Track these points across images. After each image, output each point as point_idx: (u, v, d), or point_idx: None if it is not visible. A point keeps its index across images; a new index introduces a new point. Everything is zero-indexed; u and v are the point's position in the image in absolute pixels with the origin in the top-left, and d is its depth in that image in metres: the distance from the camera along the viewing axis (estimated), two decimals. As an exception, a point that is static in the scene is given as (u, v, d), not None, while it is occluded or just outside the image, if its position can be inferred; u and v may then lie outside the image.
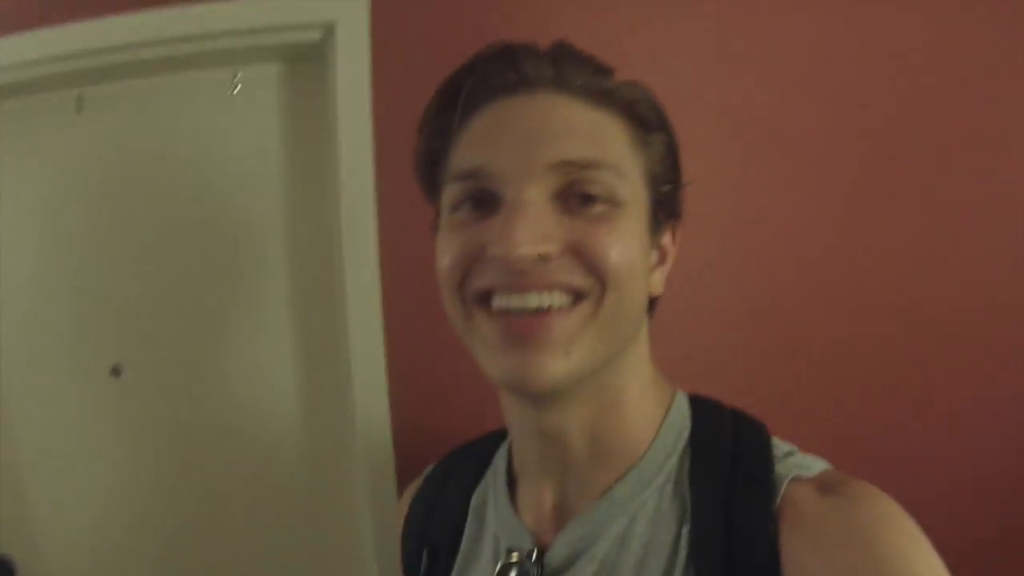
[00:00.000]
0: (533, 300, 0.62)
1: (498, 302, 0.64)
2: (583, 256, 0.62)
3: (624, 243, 0.64)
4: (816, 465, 0.66)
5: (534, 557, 0.72)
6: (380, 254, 1.35)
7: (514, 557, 0.73)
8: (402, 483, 1.34)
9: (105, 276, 1.60)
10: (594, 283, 0.63)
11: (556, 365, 0.62)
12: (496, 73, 0.67)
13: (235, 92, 1.52)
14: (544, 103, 0.66)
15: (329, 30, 1.36)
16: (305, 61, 1.49)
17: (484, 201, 0.65)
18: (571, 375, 0.63)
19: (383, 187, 1.35)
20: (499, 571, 0.73)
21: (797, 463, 0.66)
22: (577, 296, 0.63)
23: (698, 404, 0.75)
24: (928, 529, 0.58)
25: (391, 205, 1.35)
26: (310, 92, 1.50)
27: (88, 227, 1.59)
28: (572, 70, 0.67)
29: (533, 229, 0.61)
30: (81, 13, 1.38)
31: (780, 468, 0.65)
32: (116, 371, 1.59)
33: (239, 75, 1.52)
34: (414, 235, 1.30)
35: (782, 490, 0.63)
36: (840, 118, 1.38)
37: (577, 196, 0.63)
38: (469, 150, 0.67)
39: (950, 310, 1.40)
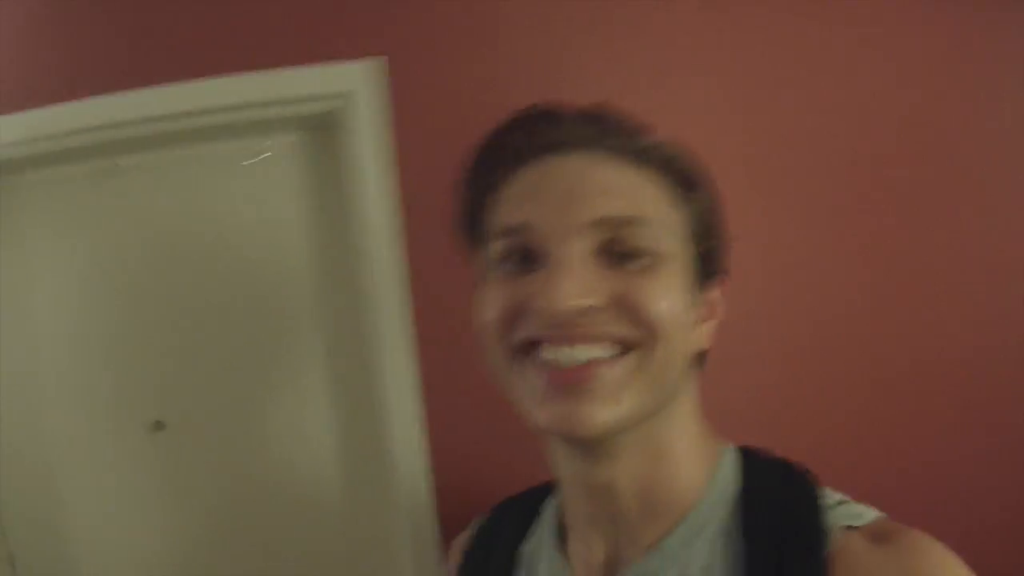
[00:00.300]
0: (581, 353, 0.63)
1: (546, 354, 0.65)
2: (628, 308, 0.63)
3: (668, 296, 0.65)
4: (867, 514, 0.66)
5: None
6: (410, 311, 1.37)
7: None
8: (443, 539, 1.34)
9: (142, 337, 1.64)
10: (641, 334, 0.64)
11: (605, 411, 0.63)
12: (539, 132, 0.69)
13: (259, 160, 1.58)
14: (584, 162, 0.67)
15: (348, 99, 1.40)
16: (326, 129, 1.53)
17: (529, 256, 0.67)
18: (620, 421, 0.64)
19: (409, 249, 1.38)
20: None
21: (848, 512, 0.65)
22: (624, 347, 0.64)
23: (747, 455, 0.75)
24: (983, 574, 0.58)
25: (418, 265, 1.37)
26: (332, 159, 1.54)
27: (124, 290, 1.64)
28: (612, 130, 0.69)
29: (578, 281, 0.62)
30: (110, 86, 1.43)
31: (830, 517, 0.65)
32: (159, 426, 1.63)
33: (267, 144, 1.57)
34: (442, 292, 1.35)
35: (832, 540, 0.62)
36: (864, 167, 1.40)
37: (619, 252, 0.65)
38: (512, 207, 0.69)
39: (993, 345, 1.41)
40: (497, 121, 0.73)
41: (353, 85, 1.39)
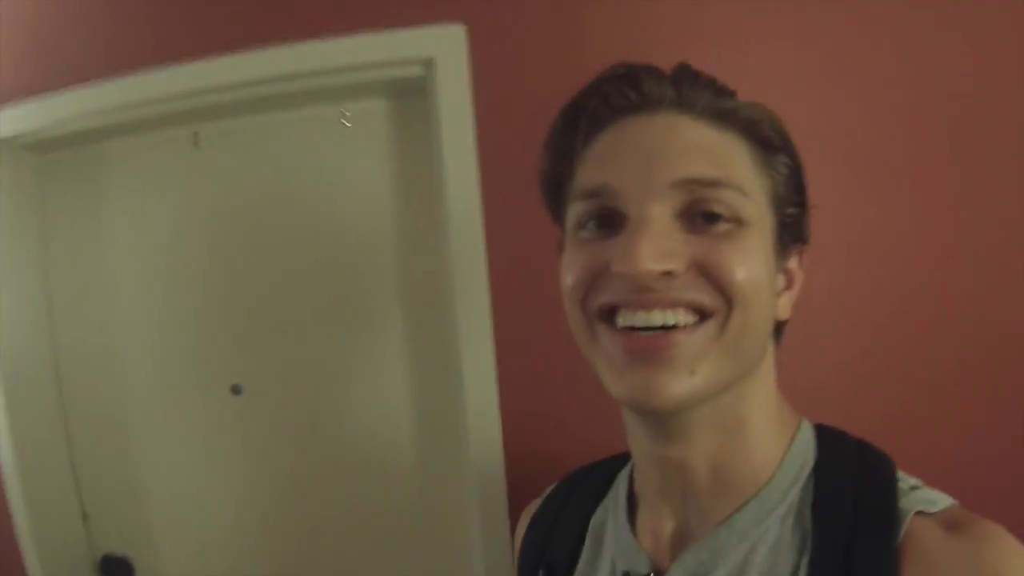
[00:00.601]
0: (658, 318, 0.62)
1: (623, 319, 0.64)
2: (708, 273, 0.62)
3: (750, 262, 0.63)
4: (941, 501, 0.63)
5: None
6: (489, 276, 1.37)
7: None
8: (513, 504, 1.35)
9: (222, 302, 1.71)
10: (720, 301, 0.62)
11: (680, 383, 0.61)
12: (619, 94, 0.68)
13: (342, 126, 1.60)
14: (666, 123, 0.66)
15: (429, 64, 1.40)
16: (409, 95, 1.54)
17: (609, 219, 0.66)
18: (695, 394, 0.62)
19: (490, 214, 1.38)
20: None
21: (922, 498, 0.63)
22: (702, 315, 0.63)
23: (823, 434, 0.73)
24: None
25: (499, 230, 1.37)
26: (415, 124, 1.55)
27: (207, 255, 1.71)
28: (694, 91, 0.67)
29: (657, 245, 0.60)
30: (196, 53, 1.47)
31: (904, 502, 0.62)
32: (236, 390, 1.70)
33: (347, 111, 1.59)
34: (522, 257, 1.34)
35: (905, 525, 0.60)
36: (951, 137, 1.33)
37: (701, 215, 0.63)
38: (593, 169, 0.68)
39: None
40: (579, 84, 0.72)
41: (436, 50, 1.38)
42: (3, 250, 1.73)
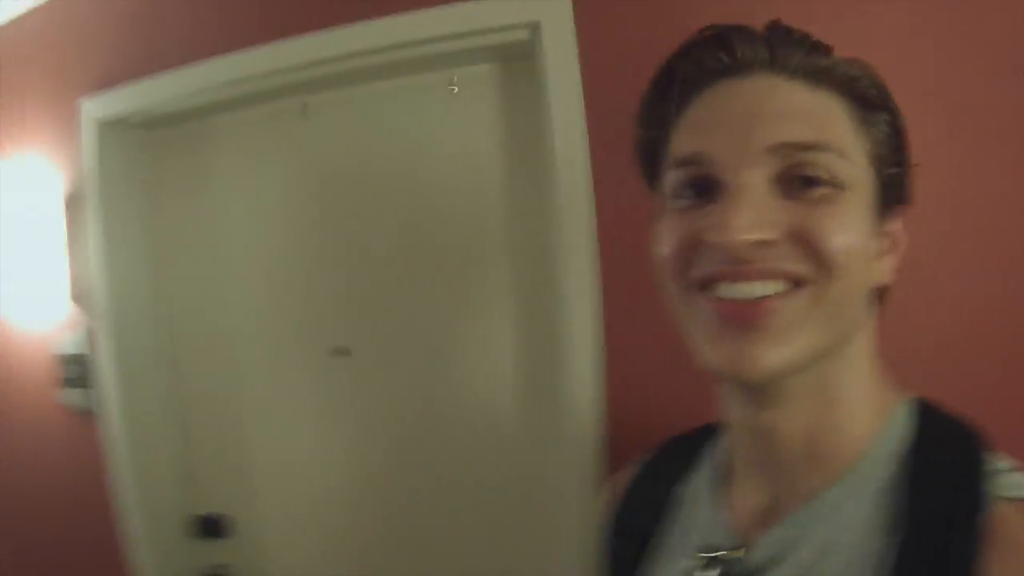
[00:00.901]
0: (757, 289, 0.61)
1: (722, 291, 0.62)
2: (805, 242, 0.60)
3: (848, 228, 0.61)
4: None
5: (736, 555, 0.70)
6: (597, 243, 1.37)
7: (716, 553, 0.71)
8: (610, 471, 1.35)
9: (330, 266, 1.78)
10: (817, 270, 0.60)
11: (773, 353, 0.60)
12: (710, 57, 0.66)
13: (449, 92, 1.62)
14: (761, 85, 0.64)
15: (535, 29, 1.40)
16: (515, 60, 1.54)
17: (704, 187, 0.64)
18: (789, 364, 0.61)
19: (598, 178, 1.37)
20: (698, 566, 0.72)
21: (1012, 482, 0.60)
22: (798, 284, 0.61)
23: (924, 410, 0.69)
24: None
25: (607, 196, 1.36)
26: (521, 89, 1.56)
27: (317, 223, 1.78)
28: (788, 50, 0.64)
29: (752, 214, 0.59)
30: (303, 27, 1.54)
31: (994, 486, 0.59)
32: (343, 351, 1.77)
33: (455, 78, 1.61)
34: (630, 224, 1.33)
35: (992, 510, 0.57)
36: None
37: (798, 179, 0.61)
38: (687, 137, 0.66)
39: None
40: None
41: (539, 15, 1.38)
42: (116, 226, 1.87)
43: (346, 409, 1.78)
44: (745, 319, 0.61)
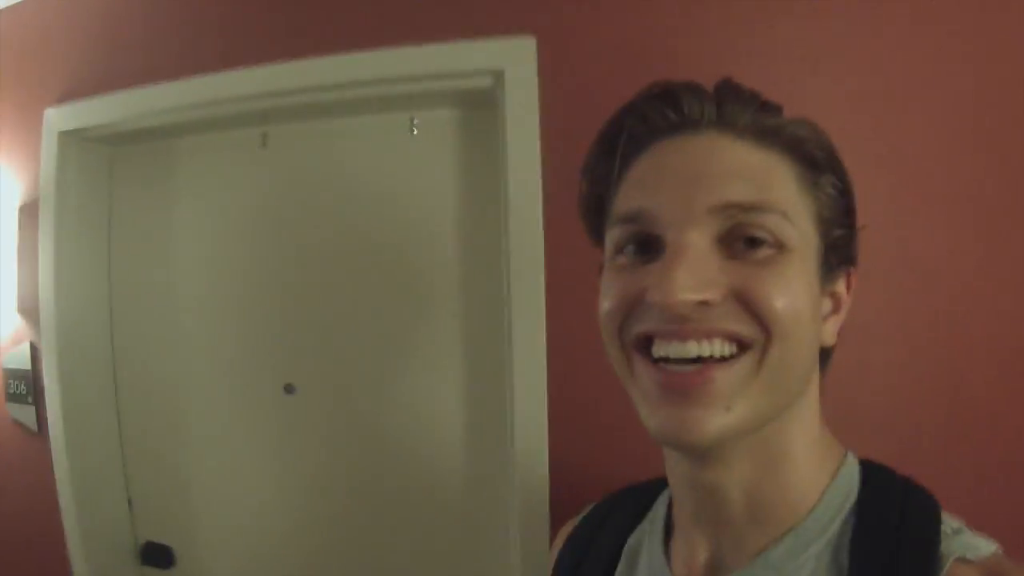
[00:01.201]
0: (693, 349, 0.60)
1: (657, 350, 0.62)
2: (747, 302, 0.59)
3: (791, 289, 0.60)
4: (985, 547, 0.60)
5: None
6: (546, 291, 1.38)
7: None
8: (555, 518, 1.34)
9: (284, 300, 1.75)
10: (759, 332, 0.60)
11: (714, 420, 0.59)
12: (658, 113, 0.66)
13: (408, 133, 1.63)
14: (707, 143, 0.64)
15: (498, 77, 1.41)
16: (476, 106, 1.56)
17: (647, 245, 0.64)
18: (730, 431, 0.60)
19: (551, 227, 1.38)
20: None
21: (965, 543, 0.60)
22: (740, 346, 0.60)
23: (868, 469, 0.69)
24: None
25: (558, 245, 1.37)
26: (481, 134, 1.57)
27: (269, 254, 1.76)
28: (736, 108, 0.64)
29: (694, 274, 0.58)
30: (267, 57, 1.53)
31: (945, 547, 0.59)
32: (289, 389, 1.73)
33: (415, 119, 1.62)
34: (579, 274, 1.31)
35: (945, 570, 0.58)
36: (1007, 159, 1.27)
37: (741, 240, 0.60)
38: (632, 193, 0.66)
39: None
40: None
41: (504, 63, 1.40)
42: (69, 239, 1.82)
43: (290, 445, 1.75)
44: (685, 386, 0.60)
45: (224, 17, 1.60)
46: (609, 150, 0.69)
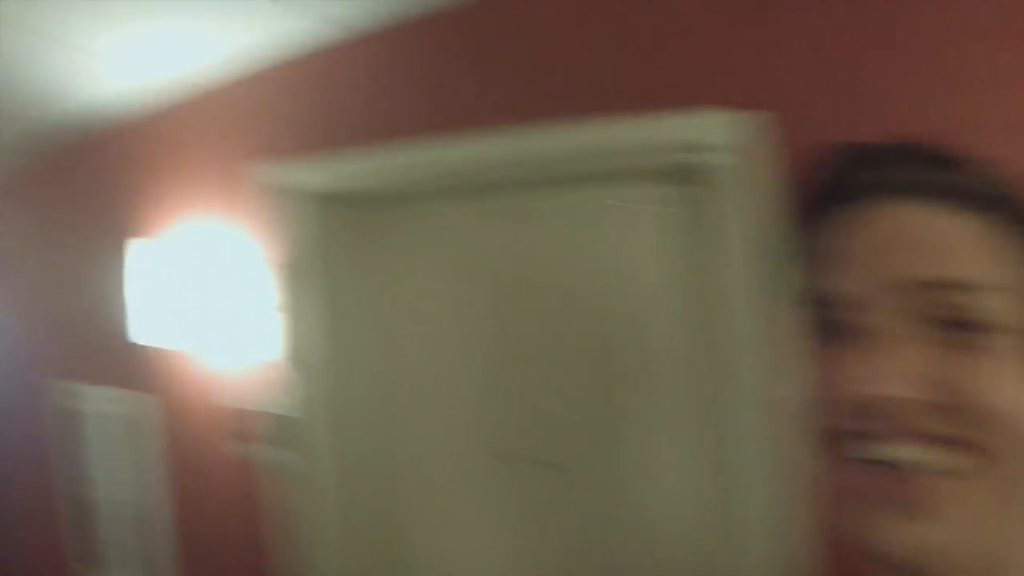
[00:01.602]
0: (898, 453, 0.52)
1: (852, 451, 0.54)
2: (960, 400, 0.51)
3: (1015, 383, 0.51)
4: None
5: None
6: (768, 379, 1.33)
7: None
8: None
9: (503, 370, 1.77)
10: (978, 435, 0.51)
11: (921, 534, 0.51)
12: (852, 178, 0.59)
13: (625, 209, 1.61)
14: (901, 213, 0.56)
15: (714, 152, 1.37)
16: (697, 183, 1.49)
17: (838, 329, 0.56)
18: (940, 548, 0.51)
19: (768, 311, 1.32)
20: None
21: None
22: (956, 450, 0.51)
23: None
24: None
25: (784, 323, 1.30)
26: (699, 214, 1.50)
27: (492, 327, 1.79)
28: (932, 172, 0.57)
29: (891, 366, 0.51)
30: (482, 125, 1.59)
31: None
32: (527, 460, 1.72)
33: (632, 195, 1.60)
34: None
35: None
36: None
37: (950, 324, 0.52)
38: (819, 271, 0.59)
39: None
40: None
41: (724, 137, 1.35)
42: (300, 294, 1.90)
43: (524, 518, 1.74)
44: (886, 492, 0.52)
45: (480, 82, 1.66)
46: (796, 227, 0.64)
